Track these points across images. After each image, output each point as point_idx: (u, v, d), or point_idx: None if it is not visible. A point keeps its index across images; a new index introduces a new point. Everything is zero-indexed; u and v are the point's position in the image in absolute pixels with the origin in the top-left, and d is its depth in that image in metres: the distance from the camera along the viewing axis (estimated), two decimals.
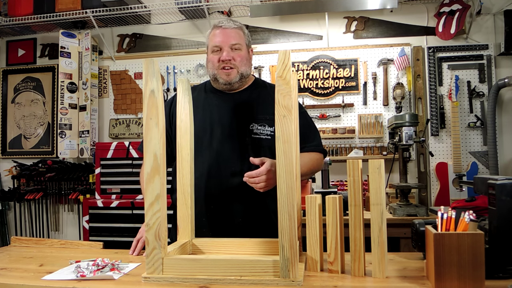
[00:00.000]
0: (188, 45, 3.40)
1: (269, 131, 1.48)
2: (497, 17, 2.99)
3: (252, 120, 1.49)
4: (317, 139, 1.59)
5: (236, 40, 1.48)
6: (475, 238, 0.92)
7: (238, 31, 1.51)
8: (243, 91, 1.56)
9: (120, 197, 2.98)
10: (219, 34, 1.49)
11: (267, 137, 1.48)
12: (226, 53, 1.46)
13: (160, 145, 1.02)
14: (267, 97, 1.51)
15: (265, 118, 1.49)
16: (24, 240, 1.56)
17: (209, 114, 1.52)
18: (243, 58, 1.50)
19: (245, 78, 1.53)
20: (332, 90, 3.14)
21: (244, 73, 1.51)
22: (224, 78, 1.48)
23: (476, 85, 2.98)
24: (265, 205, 1.45)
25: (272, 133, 1.47)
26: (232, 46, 1.48)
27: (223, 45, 1.47)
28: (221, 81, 1.50)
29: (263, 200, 1.43)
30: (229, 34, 1.48)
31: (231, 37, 1.48)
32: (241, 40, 1.50)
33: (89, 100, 3.37)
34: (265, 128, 1.49)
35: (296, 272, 0.97)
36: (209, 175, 1.45)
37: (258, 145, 1.47)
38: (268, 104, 1.49)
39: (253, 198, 1.40)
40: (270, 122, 1.47)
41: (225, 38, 1.48)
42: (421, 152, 3.02)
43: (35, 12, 3.27)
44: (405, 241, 2.40)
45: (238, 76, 1.49)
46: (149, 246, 1.02)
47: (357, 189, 1.06)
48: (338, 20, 3.21)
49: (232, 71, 1.48)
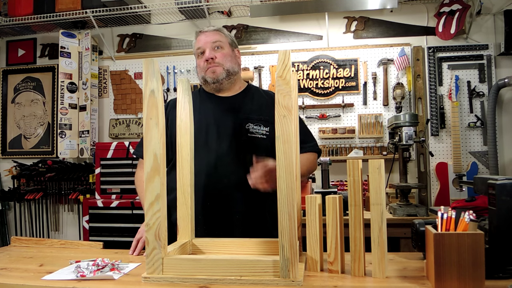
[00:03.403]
0: (188, 45, 3.40)
1: (264, 130, 1.51)
2: (497, 17, 2.99)
3: (248, 120, 1.51)
4: (312, 140, 1.63)
5: (216, 38, 1.54)
6: (475, 238, 0.92)
7: (218, 32, 1.58)
8: (237, 96, 1.60)
9: (120, 197, 2.98)
10: (201, 38, 1.56)
11: (262, 137, 1.51)
12: (209, 52, 1.52)
13: (160, 145, 1.02)
14: (261, 100, 1.57)
15: (260, 118, 1.52)
16: (24, 240, 1.56)
17: (204, 115, 1.54)
18: (226, 55, 1.54)
19: (233, 76, 1.56)
20: (332, 90, 3.14)
21: (231, 69, 1.54)
22: (211, 76, 1.52)
23: (476, 85, 2.98)
24: (262, 203, 1.46)
25: (267, 133, 1.51)
26: (213, 44, 1.53)
27: (205, 46, 1.53)
28: (209, 80, 1.53)
29: (260, 199, 1.43)
30: (209, 35, 1.55)
31: (211, 37, 1.55)
32: (222, 39, 1.56)
33: (89, 100, 3.37)
34: (260, 128, 1.51)
35: (296, 272, 0.97)
36: (205, 173, 1.45)
37: (254, 144, 1.49)
38: (262, 106, 1.54)
39: (249, 196, 1.40)
40: (265, 122, 1.51)
41: (205, 39, 1.55)
42: (421, 152, 3.02)
43: (35, 12, 3.27)
44: (405, 241, 2.40)
45: (225, 73, 1.53)
46: (149, 246, 1.02)
47: (357, 189, 1.06)
48: (338, 20, 3.21)
49: (217, 68, 1.52)
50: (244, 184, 1.32)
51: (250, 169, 1.28)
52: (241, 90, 1.62)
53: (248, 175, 1.28)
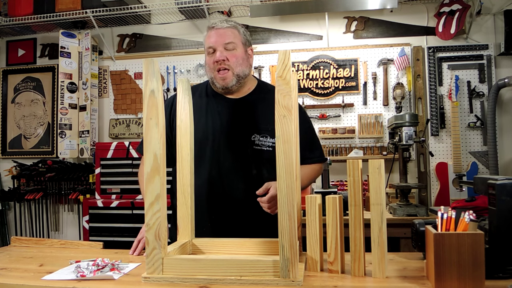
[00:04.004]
0: (188, 45, 3.40)
1: (270, 142, 1.46)
2: (497, 17, 2.99)
3: (254, 130, 1.46)
4: (319, 149, 1.59)
5: (229, 39, 1.45)
6: (475, 238, 0.92)
7: (233, 30, 1.47)
8: (246, 97, 1.54)
9: (120, 197, 2.98)
10: (213, 35, 1.46)
11: (268, 149, 1.46)
12: (219, 53, 1.43)
13: (160, 145, 1.02)
14: (271, 103, 1.50)
15: (267, 129, 1.46)
16: (24, 240, 1.56)
17: (211, 122, 1.50)
18: (238, 58, 1.46)
19: (243, 79, 1.50)
20: (332, 90, 3.14)
21: (241, 74, 1.47)
22: (220, 83, 1.46)
23: (476, 85, 2.98)
24: (267, 217, 1.42)
25: (274, 144, 1.44)
26: (226, 45, 1.44)
27: (216, 46, 1.44)
28: (218, 86, 1.48)
29: (264, 212, 1.42)
30: (222, 34, 1.45)
31: (224, 37, 1.44)
32: (236, 39, 1.46)
33: (89, 100, 3.37)
34: (267, 140, 1.46)
35: (296, 272, 0.97)
36: (210, 185, 1.44)
37: (259, 157, 1.46)
38: (271, 112, 1.49)
39: (254, 209, 1.39)
40: (273, 132, 1.42)
41: (218, 38, 1.44)
42: (421, 152, 3.02)
43: (35, 12, 3.27)
44: (405, 241, 2.40)
45: (235, 79, 1.46)
46: (149, 246, 1.02)
47: (357, 189, 1.06)
48: (338, 20, 3.21)
49: (227, 74, 1.45)
50: (248, 197, 1.31)
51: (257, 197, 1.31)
52: (251, 91, 1.55)
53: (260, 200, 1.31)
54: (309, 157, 1.53)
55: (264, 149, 1.46)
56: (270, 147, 1.46)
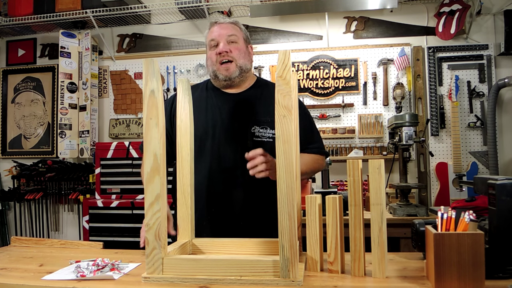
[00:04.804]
0: (188, 45, 3.40)
1: (270, 133, 1.47)
2: (497, 17, 2.99)
3: (254, 122, 1.47)
4: (319, 141, 1.59)
5: (231, 32, 1.49)
6: (475, 238, 0.92)
7: (234, 25, 1.52)
8: (245, 91, 1.55)
9: (120, 197, 2.98)
10: (215, 29, 1.50)
11: (268, 140, 1.46)
12: (223, 45, 1.46)
13: (160, 145, 1.02)
14: (269, 96, 1.48)
15: (266, 120, 1.47)
16: (24, 240, 1.56)
17: (211, 116, 1.50)
18: (240, 51, 1.49)
19: (245, 73, 1.51)
20: (332, 90, 3.14)
21: (243, 67, 1.49)
22: (224, 73, 1.47)
23: (476, 85, 2.98)
24: (267, 208, 1.43)
25: (274, 135, 1.44)
26: (228, 38, 1.47)
27: (219, 38, 1.47)
28: (221, 77, 1.48)
29: (265, 204, 1.42)
30: (225, 28, 1.49)
31: (227, 29, 1.49)
32: (238, 33, 1.50)
33: (89, 100, 3.37)
34: (266, 131, 1.47)
35: (296, 272, 0.97)
36: (211, 179, 1.44)
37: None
38: (270, 104, 1.48)
39: (255, 202, 1.39)
40: (272, 124, 1.44)
41: (221, 31, 1.49)
42: (421, 152, 3.02)
43: (35, 12, 3.27)
44: (405, 241, 2.40)
45: (238, 70, 1.48)
46: (149, 246, 1.02)
47: (357, 189, 1.06)
48: (338, 20, 3.21)
49: (230, 65, 1.47)
50: (248, 190, 1.30)
51: (246, 155, 1.25)
52: (250, 86, 1.57)
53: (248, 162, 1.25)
54: (308, 147, 1.52)
55: (265, 140, 1.46)
56: (270, 138, 1.46)
